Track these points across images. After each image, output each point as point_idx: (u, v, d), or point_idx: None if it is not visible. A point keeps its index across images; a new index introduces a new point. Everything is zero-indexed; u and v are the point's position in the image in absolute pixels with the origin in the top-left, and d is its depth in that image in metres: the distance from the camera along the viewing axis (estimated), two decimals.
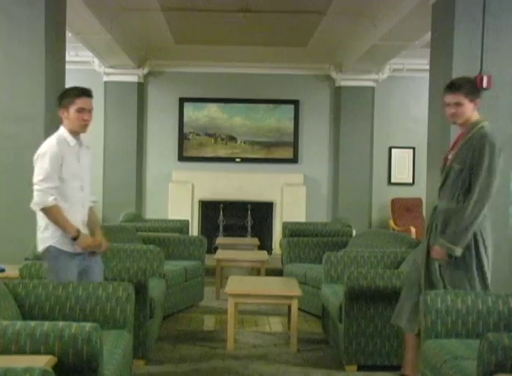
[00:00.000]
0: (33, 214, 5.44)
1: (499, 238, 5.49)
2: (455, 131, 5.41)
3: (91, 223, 3.82)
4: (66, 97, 3.69)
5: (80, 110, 3.63)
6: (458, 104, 3.57)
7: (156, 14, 7.76)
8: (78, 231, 3.60)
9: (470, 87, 3.62)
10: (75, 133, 3.70)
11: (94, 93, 3.76)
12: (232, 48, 9.53)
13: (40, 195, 3.56)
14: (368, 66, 9.34)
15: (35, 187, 3.57)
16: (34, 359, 2.47)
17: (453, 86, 3.60)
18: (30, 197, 5.47)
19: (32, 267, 4.24)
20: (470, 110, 3.60)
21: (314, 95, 10.05)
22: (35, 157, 3.62)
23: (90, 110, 3.67)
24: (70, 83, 6.77)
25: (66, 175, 3.62)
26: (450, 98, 3.59)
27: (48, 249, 3.62)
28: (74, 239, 3.59)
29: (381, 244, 5.99)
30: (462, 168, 3.58)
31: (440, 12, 5.67)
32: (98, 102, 9.67)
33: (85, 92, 3.67)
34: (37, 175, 3.57)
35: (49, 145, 3.64)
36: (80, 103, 3.64)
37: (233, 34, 8.70)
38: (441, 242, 3.61)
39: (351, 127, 9.77)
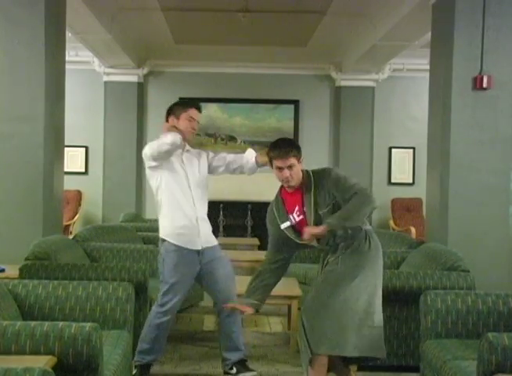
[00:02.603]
0: (32, 214, 5.47)
1: (499, 238, 5.49)
2: (455, 131, 5.43)
3: None
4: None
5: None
6: (291, 167, 3.56)
7: (156, 14, 7.76)
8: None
9: (297, 148, 3.60)
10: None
11: (94, 93, 3.81)
12: (232, 48, 9.52)
13: None
14: (368, 66, 9.34)
15: None
16: (34, 359, 2.47)
17: (282, 151, 3.56)
18: (30, 197, 5.51)
19: (32, 267, 4.24)
20: (300, 169, 3.61)
21: (314, 95, 10.04)
22: None
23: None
24: (70, 83, 6.81)
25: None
26: (281, 163, 3.57)
27: None
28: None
29: (381, 244, 5.98)
30: (329, 209, 3.52)
31: (440, 12, 5.67)
32: (98, 102, 9.73)
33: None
34: None
35: None
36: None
37: (233, 34, 8.69)
38: (329, 222, 3.47)
39: (351, 127, 9.77)
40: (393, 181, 10.17)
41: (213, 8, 7.51)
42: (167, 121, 4.12)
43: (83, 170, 9.91)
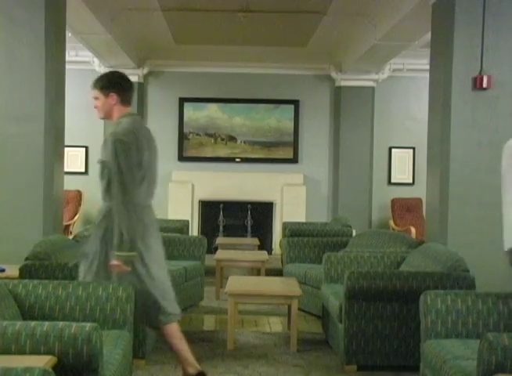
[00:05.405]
0: (32, 214, 5.47)
1: (499, 238, 5.49)
2: (455, 131, 5.43)
3: None
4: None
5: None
6: (96, 99, 3.70)
7: (156, 14, 7.76)
8: None
9: (107, 81, 3.70)
10: None
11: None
12: (232, 48, 9.53)
13: None
14: (368, 66, 9.34)
15: None
16: (34, 359, 2.47)
17: (94, 81, 3.72)
18: (30, 197, 5.51)
19: (32, 267, 4.24)
20: (109, 105, 3.70)
21: (314, 95, 10.05)
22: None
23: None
24: (70, 83, 6.81)
25: None
26: (93, 93, 3.72)
27: None
28: None
29: (381, 244, 6.00)
30: (102, 165, 3.63)
31: (440, 12, 5.67)
32: None
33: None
34: None
35: None
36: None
37: (233, 34, 8.70)
38: (117, 255, 3.55)
39: (351, 127, 9.77)
40: (393, 181, 10.17)
41: (213, 8, 7.51)
42: None
43: (83, 170, 9.91)
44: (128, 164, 3.54)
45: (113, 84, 3.69)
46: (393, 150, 10.15)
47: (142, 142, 3.65)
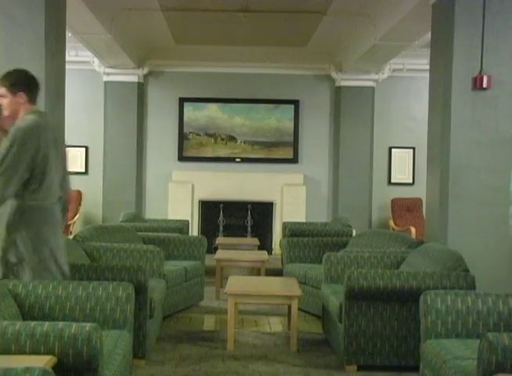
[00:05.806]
0: None
1: (499, 238, 5.50)
2: (455, 131, 5.44)
3: None
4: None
5: None
6: (2, 96, 3.65)
7: (156, 14, 7.76)
8: None
9: (14, 79, 3.68)
10: None
11: (94, 93, 3.85)
12: (232, 48, 9.53)
13: None
14: (368, 66, 9.34)
15: None
16: (34, 359, 2.47)
17: (1, 78, 3.67)
18: None
19: None
20: (16, 104, 3.66)
21: (314, 95, 10.05)
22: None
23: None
24: (70, 83, 6.81)
25: None
26: None
27: None
28: None
29: (381, 244, 6.00)
30: None
31: (440, 12, 5.68)
32: (98, 102, 9.74)
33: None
34: None
35: None
36: None
37: (233, 34, 8.70)
38: None
39: (351, 127, 9.78)
40: (393, 181, 10.17)
41: (213, 8, 7.51)
42: None
43: (83, 170, 9.91)
44: (18, 159, 3.49)
45: (21, 83, 3.69)
46: (393, 150, 10.15)
47: (47, 140, 3.63)
